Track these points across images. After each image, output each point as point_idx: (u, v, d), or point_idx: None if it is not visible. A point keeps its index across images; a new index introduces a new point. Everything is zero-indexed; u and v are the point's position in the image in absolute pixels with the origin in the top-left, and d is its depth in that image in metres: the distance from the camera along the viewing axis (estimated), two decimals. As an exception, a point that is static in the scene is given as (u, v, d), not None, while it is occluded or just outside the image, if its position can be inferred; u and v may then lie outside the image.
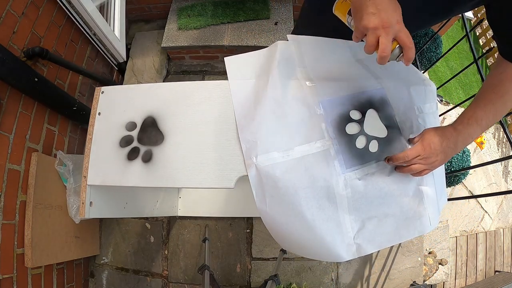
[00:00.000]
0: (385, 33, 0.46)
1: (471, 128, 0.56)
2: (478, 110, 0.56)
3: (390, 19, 0.45)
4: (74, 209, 1.16)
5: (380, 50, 0.47)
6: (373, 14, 0.46)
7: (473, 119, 0.56)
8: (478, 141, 2.26)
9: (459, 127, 0.57)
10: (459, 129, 0.56)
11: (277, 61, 0.64)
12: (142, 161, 0.66)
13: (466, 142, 0.57)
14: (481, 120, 0.56)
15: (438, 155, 0.57)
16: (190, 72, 1.91)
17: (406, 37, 0.47)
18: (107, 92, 0.74)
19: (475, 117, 0.56)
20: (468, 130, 0.56)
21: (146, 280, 1.46)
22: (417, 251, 1.55)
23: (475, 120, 0.56)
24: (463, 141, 0.57)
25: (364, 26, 0.47)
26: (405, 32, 0.47)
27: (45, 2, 1.15)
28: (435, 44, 1.39)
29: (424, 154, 0.56)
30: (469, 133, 0.56)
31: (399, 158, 0.58)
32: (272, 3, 1.89)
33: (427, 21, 0.66)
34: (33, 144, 1.13)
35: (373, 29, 0.46)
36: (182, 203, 1.49)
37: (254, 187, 0.61)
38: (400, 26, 0.47)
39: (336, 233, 0.60)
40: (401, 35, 0.47)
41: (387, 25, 0.45)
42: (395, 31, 0.46)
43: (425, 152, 0.56)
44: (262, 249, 1.48)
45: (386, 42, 0.46)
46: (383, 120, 0.66)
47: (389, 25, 0.45)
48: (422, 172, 0.59)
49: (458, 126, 0.57)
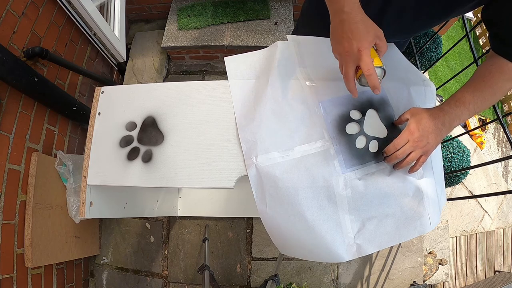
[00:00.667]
0: (347, 61, 0.50)
1: (458, 109, 0.56)
2: (467, 94, 0.57)
3: (352, 48, 0.49)
4: (74, 209, 1.16)
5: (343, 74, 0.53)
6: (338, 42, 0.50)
7: (460, 101, 0.56)
8: (478, 141, 2.26)
9: (445, 108, 0.57)
10: (445, 109, 0.57)
11: (277, 61, 0.64)
12: (142, 161, 0.66)
13: (453, 123, 0.57)
14: (468, 104, 0.56)
15: (429, 136, 0.56)
16: (190, 72, 1.91)
17: (364, 65, 0.49)
18: (107, 92, 0.74)
19: (463, 100, 0.56)
20: (455, 111, 0.56)
21: (146, 280, 1.46)
22: (417, 251, 1.55)
23: (462, 103, 0.56)
24: (450, 121, 0.57)
25: (333, 52, 0.53)
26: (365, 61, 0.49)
27: (45, 2, 1.15)
28: (435, 44, 1.39)
29: (414, 138, 0.56)
30: (457, 114, 0.56)
31: (390, 149, 0.57)
32: (272, 3, 1.89)
33: (427, 24, 0.66)
34: (33, 144, 1.13)
35: (338, 55, 0.52)
36: (182, 203, 1.49)
37: (254, 187, 0.61)
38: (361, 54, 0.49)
39: (336, 233, 0.60)
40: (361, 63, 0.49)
41: (348, 54, 0.49)
42: (356, 59, 0.49)
43: (414, 135, 0.56)
44: (262, 249, 1.48)
45: (348, 69, 0.51)
46: (383, 120, 0.66)
47: (349, 54, 0.49)
48: (420, 160, 0.59)
49: (445, 107, 0.57)
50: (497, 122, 0.66)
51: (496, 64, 0.56)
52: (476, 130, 2.25)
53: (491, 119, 2.03)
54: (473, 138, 2.27)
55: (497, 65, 0.56)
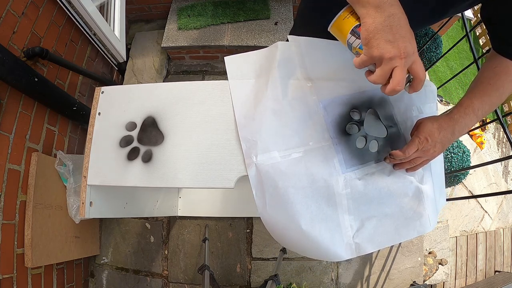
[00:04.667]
0: (401, 65, 0.41)
1: (468, 117, 0.56)
2: (475, 100, 0.56)
3: (408, 49, 0.41)
4: (74, 209, 1.16)
5: (394, 83, 0.42)
6: (390, 42, 0.40)
7: (470, 108, 0.56)
8: (478, 141, 2.26)
9: (455, 117, 0.56)
10: (455, 119, 0.56)
11: (277, 61, 0.64)
12: (142, 161, 0.66)
13: (462, 131, 0.57)
14: (477, 110, 0.55)
15: (436, 146, 0.56)
16: (190, 72, 1.91)
17: (420, 69, 0.43)
18: (107, 92, 0.74)
19: (472, 107, 0.56)
20: (465, 119, 0.56)
21: (146, 280, 1.46)
22: (417, 251, 1.55)
23: (472, 110, 0.55)
24: (460, 130, 0.56)
25: (379, 55, 0.41)
26: (419, 63, 0.43)
27: (45, 2, 1.15)
28: (435, 44, 1.39)
29: (422, 148, 0.56)
30: (466, 123, 0.56)
31: (399, 155, 0.58)
32: (272, 3, 1.89)
33: (425, 21, 0.65)
34: (33, 144, 1.13)
35: (389, 59, 0.41)
36: (182, 203, 1.49)
37: (254, 187, 0.61)
38: (415, 55, 0.42)
39: (335, 232, 0.60)
40: (415, 66, 0.43)
41: (405, 55, 0.41)
42: (411, 62, 0.42)
43: (423, 145, 0.56)
44: (262, 249, 1.48)
45: (403, 75, 0.42)
46: (383, 120, 0.66)
47: (406, 56, 0.41)
48: (422, 163, 0.60)
49: (454, 115, 0.56)
50: (497, 122, 0.66)
51: (500, 65, 0.56)
52: (476, 130, 2.25)
53: (491, 119, 2.03)
54: (473, 138, 2.27)
55: (501, 67, 0.55)
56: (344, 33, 0.47)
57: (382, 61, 0.42)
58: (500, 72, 0.55)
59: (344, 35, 0.48)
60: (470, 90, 0.58)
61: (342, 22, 0.47)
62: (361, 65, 0.45)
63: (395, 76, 0.42)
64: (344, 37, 0.48)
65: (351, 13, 0.46)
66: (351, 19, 0.46)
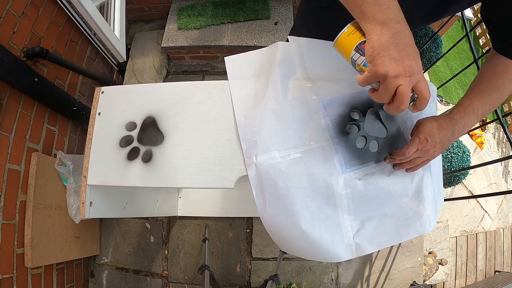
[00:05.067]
0: (406, 83, 0.40)
1: (468, 117, 0.56)
2: (475, 100, 0.56)
3: (413, 67, 0.40)
4: (74, 209, 1.16)
5: (398, 102, 0.42)
6: (395, 60, 0.40)
7: (470, 108, 0.56)
8: (478, 141, 2.26)
9: (455, 117, 0.56)
10: (455, 119, 0.56)
11: (277, 61, 0.64)
12: (142, 161, 0.66)
13: (462, 131, 0.57)
14: (477, 110, 0.55)
15: (436, 146, 0.56)
16: (190, 72, 1.91)
17: (425, 88, 0.43)
18: (107, 92, 0.74)
19: (472, 107, 0.56)
20: (465, 119, 0.56)
21: (146, 280, 1.46)
22: (417, 251, 1.55)
23: (472, 110, 0.55)
24: (460, 130, 0.56)
25: (384, 73, 0.40)
26: (424, 81, 0.43)
27: (45, 2, 1.15)
28: (435, 44, 1.39)
29: (422, 148, 0.56)
30: (466, 123, 0.56)
31: (399, 154, 0.58)
32: (272, 3, 1.89)
33: (425, 20, 0.65)
34: (33, 144, 1.13)
35: (394, 77, 0.40)
36: (182, 203, 1.49)
37: (254, 187, 0.61)
38: (421, 74, 0.42)
39: (335, 232, 0.60)
40: (420, 85, 0.42)
41: (410, 74, 0.40)
42: (416, 81, 0.42)
43: (423, 145, 0.56)
44: (262, 249, 1.48)
45: (407, 94, 0.41)
46: (383, 120, 0.66)
47: (411, 74, 0.40)
48: (422, 163, 0.60)
49: (454, 115, 0.56)
50: (497, 122, 0.66)
51: (500, 65, 0.55)
52: (476, 130, 2.25)
53: (491, 119, 2.03)
54: (473, 138, 2.27)
55: (501, 66, 0.55)
56: (348, 49, 0.46)
57: (387, 79, 0.41)
58: (500, 71, 0.55)
59: (348, 52, 0.47)
60: (470, 90, 0.58)
61: (347, 38, 0.46)
62: (365, 82, 0.44)
63: (400, 94, 0.41)
64: (348, 54, 0.47)
65: (356, 29, 0.45)
66: (355, 35, 0.45)
